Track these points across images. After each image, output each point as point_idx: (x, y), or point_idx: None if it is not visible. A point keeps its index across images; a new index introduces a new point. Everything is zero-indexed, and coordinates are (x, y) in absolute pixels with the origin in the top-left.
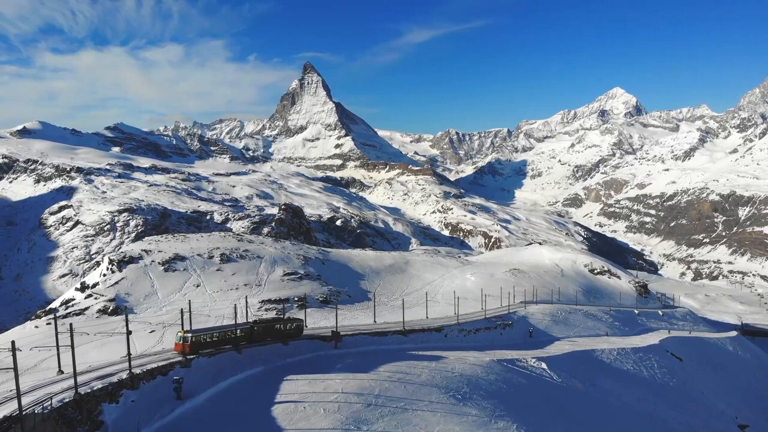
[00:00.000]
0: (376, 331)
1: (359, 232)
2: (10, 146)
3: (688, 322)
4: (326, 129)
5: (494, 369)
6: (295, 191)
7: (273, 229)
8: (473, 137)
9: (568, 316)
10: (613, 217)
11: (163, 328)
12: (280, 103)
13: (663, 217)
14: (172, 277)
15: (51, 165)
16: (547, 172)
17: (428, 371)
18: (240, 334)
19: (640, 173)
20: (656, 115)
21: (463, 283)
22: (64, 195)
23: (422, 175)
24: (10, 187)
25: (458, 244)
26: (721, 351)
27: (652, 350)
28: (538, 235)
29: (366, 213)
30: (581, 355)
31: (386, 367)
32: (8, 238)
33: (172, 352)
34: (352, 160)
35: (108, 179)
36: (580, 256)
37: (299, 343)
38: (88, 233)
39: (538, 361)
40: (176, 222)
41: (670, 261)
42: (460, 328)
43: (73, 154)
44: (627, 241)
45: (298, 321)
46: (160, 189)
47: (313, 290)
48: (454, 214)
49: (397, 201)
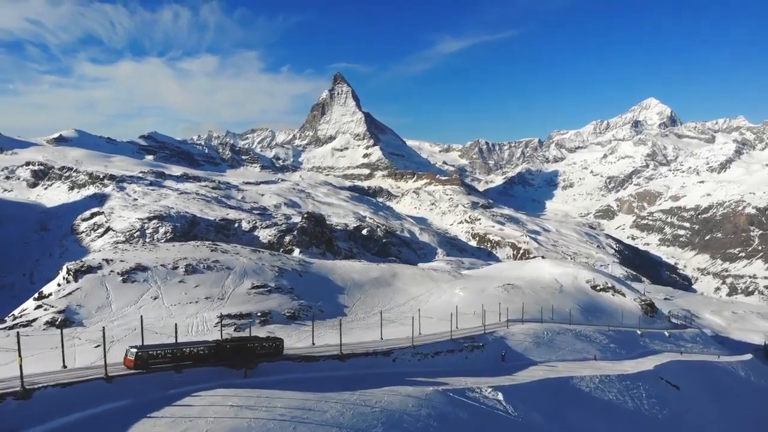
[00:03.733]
0: (305, 356)
1: (385, 242)
2: (46, 154)
3: (698, 344)
4: (355, 139)
5: (433, 401)
6: (323, 200)
7: (295, 237)
8: (503, 147)
9: (555, 337)
10: (646, 229)
11: (109, 343)
12: (311, 114)
13: (697, 230)
14: (130, 288)
15: (85, 172)
16: (579, 183)
17: (339, 406)
18: (202, 351)
19: (675, 185)
20: (691, 126)
21: (450, 299)
22: (96, 202)
23: (450, 185)
24: (45, 194)
25: (485, 255)
26: (731, 377)
27: (642, 377)
28: (569, 247)
29: (392, 222)
30: (554, 383)
31: (288, 401)
32: (41, 243)
33: (111, 367)
34: (380, 170)
35: (140, 187)
36: (582, 271)
37: (194, 371)
38: (118, 240)
39: (495, 391)
40: (205, 229)
41: (704, 275)
42: (415, 352)
43: (107, 162)
44: (660, 255)
45: (277, 340)
46: (190, 197)
47: (281, 305)
48: (481, 224)
49: (424, 211)
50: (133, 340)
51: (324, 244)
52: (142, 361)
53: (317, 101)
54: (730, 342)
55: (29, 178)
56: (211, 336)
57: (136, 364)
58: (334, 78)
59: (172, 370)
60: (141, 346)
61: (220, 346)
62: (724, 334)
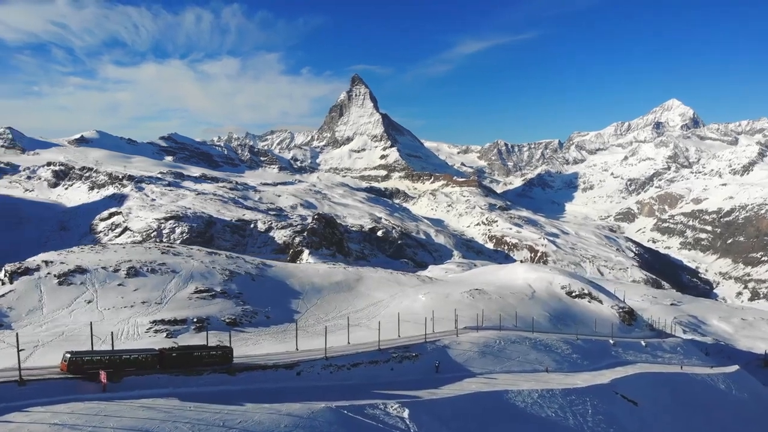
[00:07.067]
0: (188, 369)
1: (400, 243)
2: (67, 154)
3: (678, 354)
4: (372, 140)
5: (316, 420)
6: (339, 201)
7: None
8: (522, 148)
9: (508, 346)
10: (667, 232)
11: (33, 348)
12: (329, 115)
13: (719, 233)
14: (65, 291)
15: (105, 173)
16: (599, 185)
17: (188, 427)
18: (144, 358)
19: (696, 188)
20: (714, 128)
21: (411, 304)
22: (115, 202)
23: (467, 187)
24: (65, 194)
25: (502, 257)
26: (707, 391)
27: (593, 392)
28: (587, 250)
29: (408, 224)
30: (484, 398)
31: (126, 421)
32: (61, 242)
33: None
34: (397, 171)
35: (158, 187)
36: (557, 276)
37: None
38: (135, 240)
39: (401, 408)
40: (221, 230)
41: (726, 280)
42: (326, 364)
43: (126, 163)
44: (681, 258)
45: (226, 349)
46: (207, 197)
47: (223, 310)
48: (498, 226)
49: (441, 212)
50: (59, 344)
51: (335, 246)
52: (75, 366)
53: (335, 103)
54: (730, 350)
55: (50, 178)
56: (142, 342)
57: (69, 369)
58: (351, 79)
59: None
60: (77, 351)
61: (165, 354)
62: (731, 341)
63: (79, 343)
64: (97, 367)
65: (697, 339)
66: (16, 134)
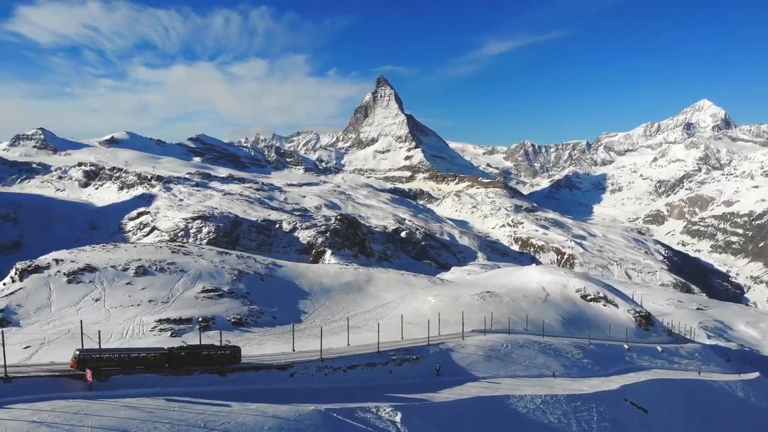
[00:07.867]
0: (177, 369)
1: (423, 244)
2: (98, 155)
3: (696, 360)
4: (397, 141)
5: (302, 423)
6: (363, 202)
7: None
8: (550, 149)
9: (515, 350)
10: (697, 235)
11: (39, 345)
12: (354, 116)
13: (751, 236)
14: (74, 289)
15: (134, 173)
16: (628, 187)
17: (168, 428)
18: (153, 357)
19: (728, 190)
20: (746, 129)
21: (419, 306)
22: (144, 202)
23: (492, 188)
24: (95, 194)
25: (528, 259)
26: (725, 398)
27: (600, 398)
28: (615, 253)
29: (432, 225)
30: (484, 403)
31: (106, 420)
32: (90, 241)
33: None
34: (421, 172)
35: (186, 187)
36: (572, 279)
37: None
38: (163, 239)
39: (394, 412)
40: (246, 230)
41: (757, 284)
42: (321, 365)
43: (155, 163)
44: (712, 262)
45: (234, 348)
46: (234, 198)
47: (229, 310)
48: (524, 228)
49: (465, 214)
50: (65, 342)
51: (357, 246)
52: (83, 364)
53: (360, 104)
54: (753, 357)
55: (81, 178)
56: (147, 341)
57: (78, 367)
58: (377, 81)
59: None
60: (86, 349)
61: (174, 353)
62: (758, 347)
63: (84, 341)
64: (106, 364)
65: (720, 345)
66: (48, 135)
